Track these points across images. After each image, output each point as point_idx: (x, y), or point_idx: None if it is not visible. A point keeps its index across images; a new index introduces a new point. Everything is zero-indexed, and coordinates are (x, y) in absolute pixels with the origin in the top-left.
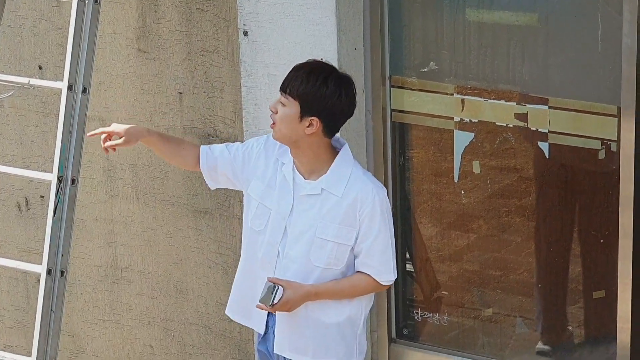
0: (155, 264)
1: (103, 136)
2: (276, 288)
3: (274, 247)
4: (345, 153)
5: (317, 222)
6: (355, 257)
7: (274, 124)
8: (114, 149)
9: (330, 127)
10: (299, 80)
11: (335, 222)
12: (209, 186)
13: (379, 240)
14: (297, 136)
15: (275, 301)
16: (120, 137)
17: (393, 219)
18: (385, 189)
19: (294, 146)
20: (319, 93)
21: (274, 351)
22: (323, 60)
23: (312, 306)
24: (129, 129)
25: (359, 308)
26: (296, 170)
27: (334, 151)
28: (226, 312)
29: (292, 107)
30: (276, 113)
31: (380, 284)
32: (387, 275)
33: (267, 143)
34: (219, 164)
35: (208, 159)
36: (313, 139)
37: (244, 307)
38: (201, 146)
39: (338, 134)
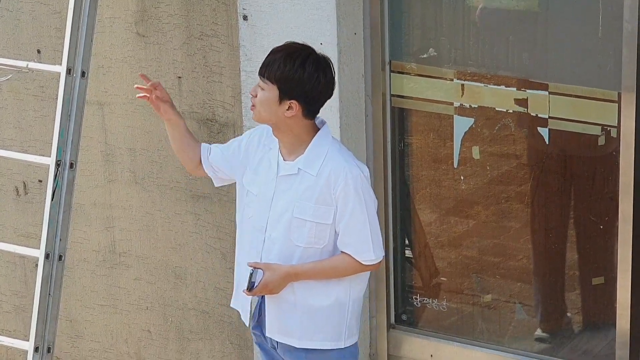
0: (153, 248)
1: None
2: (254, 272)
3: (259, 232)
4: (323, 133)
5: (295, 202)
6: None
7: (253, 106)
8: (147, 97)
9: (310, 109)
10: (277, 64)
11: (311, 202)
12: (215, 184)
13: (355, 218)
14: (277, 119)
15: (254, 285)
16: (163, 101)
17: (392, 204)
18: (362, 167)
19: (274, 128)
20: (297, 76)
21: (266, 334)
22: (301, 43)
23: (299, 289)
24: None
25: (347, 291)
26: (280, 152)
27: (317, 132)
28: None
29: (271, 91)
30: (256, 97)
31: (362, 264)
32: (367, 254)
33: (261, 132)
34: (220, 160)
35: (211, 153)
36: (293, 121)
37: (236, 296)
38: (202, 144)
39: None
